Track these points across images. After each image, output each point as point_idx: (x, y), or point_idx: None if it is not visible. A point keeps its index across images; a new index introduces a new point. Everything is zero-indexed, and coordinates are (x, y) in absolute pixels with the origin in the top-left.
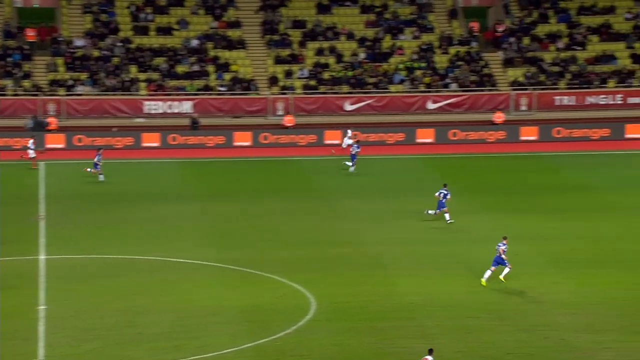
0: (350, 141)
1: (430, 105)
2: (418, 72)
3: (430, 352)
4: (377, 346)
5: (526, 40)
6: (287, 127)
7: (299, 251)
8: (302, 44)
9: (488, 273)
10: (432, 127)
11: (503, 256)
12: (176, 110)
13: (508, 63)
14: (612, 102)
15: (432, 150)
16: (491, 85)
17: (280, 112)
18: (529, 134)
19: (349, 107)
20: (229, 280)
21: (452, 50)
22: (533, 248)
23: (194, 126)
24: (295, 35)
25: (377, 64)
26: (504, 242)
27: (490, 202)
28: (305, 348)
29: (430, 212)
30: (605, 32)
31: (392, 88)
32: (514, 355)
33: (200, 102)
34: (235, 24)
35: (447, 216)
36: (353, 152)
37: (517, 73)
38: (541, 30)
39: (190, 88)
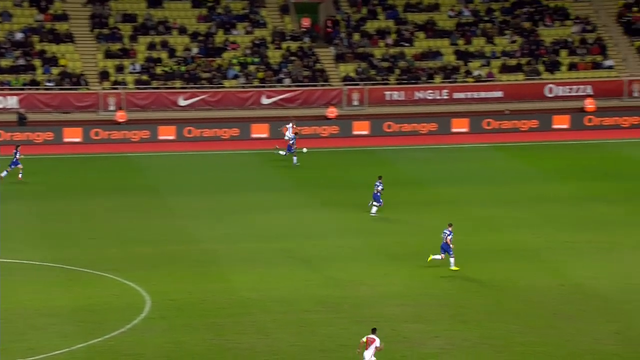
0: (292, 134)
1: (265, 101)
2: (252, 67)
3: (373, 331)
4: (214, 342)
5: (356, 36)
6: (119, 123)
7: (133, 249)
8: (133, 38)
9: (437, 257)
10: (267, 122)
11: (451, 245)
12: (1, 106)
13: (339, 59)
14: (438, 97)
15: (267, 145)
16: (324, 80)
17: (112, 108)
18: (361, 128)
19: (182, 102)
20: (60, 280)
21: (285, 45)
22: (366, 241)
23: (21, 122)
24: (126, 29)
25: (210, 59)
26: (449, 229)
27: (324, 197)
28: (140, 347)
29: (373, 210)
30: (431, 29)
31: (226, 83)
32: (348, 347)
33: (27, 97)
34: (62, 17)
35: (373, 209)
36: (291, 143)
37: (348, 68)
38: (371, 26)
39: (15, 83)
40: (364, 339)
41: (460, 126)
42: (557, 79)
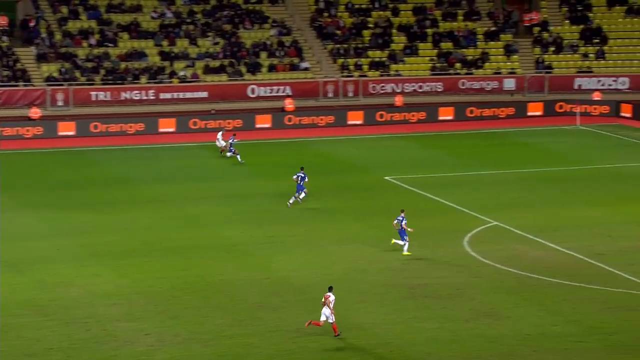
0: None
1: None
2: None
3: (330, 289)
4: None
5: (58, 36)
6: None
7: None
8: None
9: (402, 243)
10: None
11: (408, 229)
12: None
13: (41, 58)
14: (145, 98)
15: None
16: (26, 80)
17: None
18: (66, 129)
19: None
20: None
21: None
22: (74, 241)
23: None
24: None
25: None
26: (402, 214)
27: (31, 199)
28: None
29: (291, 201)
30: (135, 30)
31: None
32: (56, 350)
33: None
34: None
35: (300, 197)
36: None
37: (51, 68)
38: (73, 26)
39: None
40: (323, 299)
41: (167, 126)
42: (259, 80)
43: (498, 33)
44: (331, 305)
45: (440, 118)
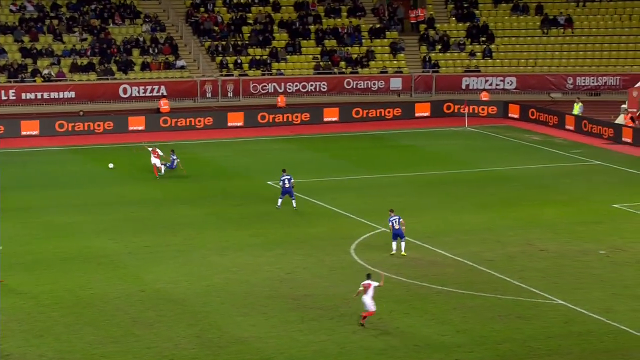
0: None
1: None
2: None
3: (368, 276)
4: None
5: None
6: None
7: None
8: None
9: (399, 245)
10: None
11: (403, 228)
12: None
13: None
14: (5, 98)
15: None
16: None
17: None
18: None
19: None
20: None
21: None
22: None
23: None
24: None
25: None
26: (393, 214)
27: None
28: None
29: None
30: None
31: None
32: None
33: None
34: None
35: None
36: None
37: None
38: None
39: None
40: (361, 287)
41: (30, 129)
42: (131, 79)
43: (383, 30)
44: (372, 293)
45: (325, 119)
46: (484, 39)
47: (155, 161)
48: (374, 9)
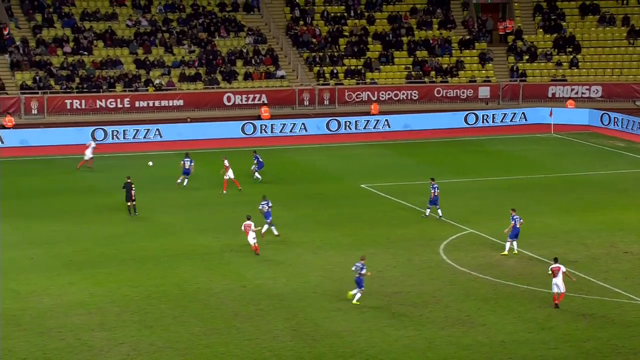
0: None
1: None
2: None
3: (555, 260)
4: None
5: (32, 44)
6: None
7: None
8: None
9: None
10: None
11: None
12: None
13: (15, 66)
14: (120, 106)
15: None
16: None
17: None
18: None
19: None
20: None
21: None
22: (47, 251)
23: None
24: None
25: None
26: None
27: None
28: None
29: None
30: (110, 38)
31: None
32: None
33: None
34: None
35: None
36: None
37: (25, 77)
38: (47, 34)
39: None
40: (550, 271)
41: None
42: (235, 88)
43: (473, 41)
44: (561, 277)
45: (415, 127)
46: (570, 49)
47: (229, 174)
48: (464, 21)
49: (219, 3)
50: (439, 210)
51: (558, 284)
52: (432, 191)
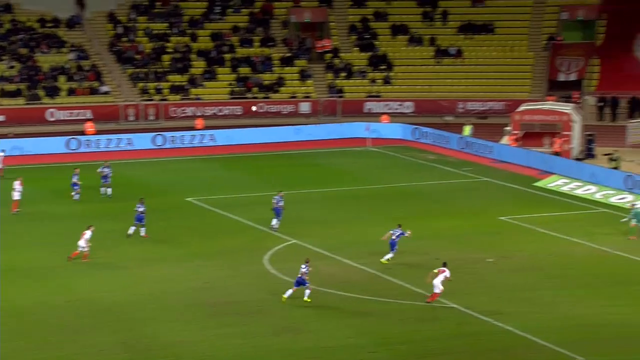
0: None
1: None
2: None
3: (444, 264)
4: None
5: None
6: None
7: None
8: None
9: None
10: None
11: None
12: None
13: None
14: None
15: None
16: None
17: None
18: None
19: None
20: None
21: None
22: None
23: None
24: None
25: None
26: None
27: None
28: None
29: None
30: None
31: None
32: None
33: None
34: None
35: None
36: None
37: None
38: None
39: None
40: (436, 270)
41: None
42: (58, 103)
43: (293, 59)
44: (442, 278)
45: (240, 141)
46: (384, 67)
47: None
48: (284, 39)
49: (39, 19)
50: (274, 221)
51: (436, 284)
52: (275, 202)
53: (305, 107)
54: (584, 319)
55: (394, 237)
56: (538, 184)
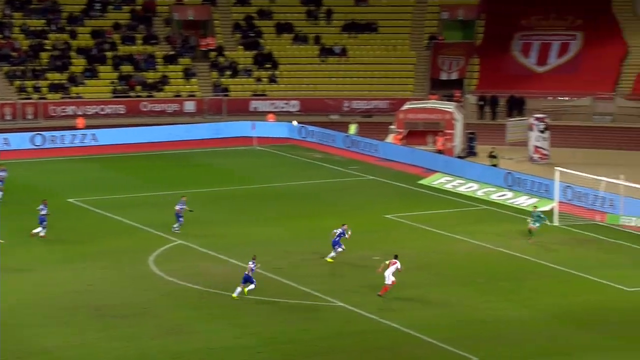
0: None
1: None
2: None
3: (395, 257)
4: None
5: None
6: None
7: None
8: None
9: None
10: None
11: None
12: None
13: None
14: None
15: None
16: None
17: None
18: None
19: None
20: None
21: None
22: None
23: None
24: None
25: None
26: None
27: None
28: None
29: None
30: None
31: None
32: None
33: None
34: None
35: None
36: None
37: None
38: None
39: None
40: (387, 262)
41: None
42: None
43: (176, 57)
44: (393, 270)
45: (123, 140)
46: (269, 65)
47: None
48: (167, 37)
49: None
50: (175, 225)
51: (387, 276)
52: (179, 207)
53: (190, 105)
54: (469, 316)
55: (336, 237)
56: (422, 181)
